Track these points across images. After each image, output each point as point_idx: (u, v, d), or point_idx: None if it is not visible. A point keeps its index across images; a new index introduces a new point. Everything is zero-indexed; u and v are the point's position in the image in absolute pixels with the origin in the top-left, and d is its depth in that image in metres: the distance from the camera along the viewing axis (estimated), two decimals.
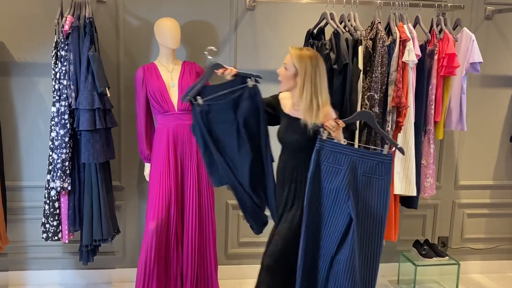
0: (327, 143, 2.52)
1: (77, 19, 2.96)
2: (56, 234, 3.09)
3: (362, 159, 2.50)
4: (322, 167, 2.53)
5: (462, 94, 3.34)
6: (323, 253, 2.57)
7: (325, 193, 2.53)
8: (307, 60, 2.56)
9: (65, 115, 2.99)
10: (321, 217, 2.56)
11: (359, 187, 2.51)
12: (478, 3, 3.63)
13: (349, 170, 2.49)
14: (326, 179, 2.53)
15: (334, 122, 2.51)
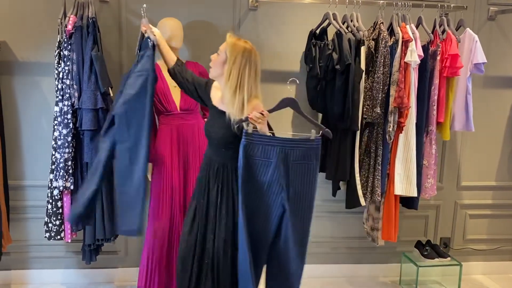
0: (253, 136, 2.46)
1: (80, 19, 2.97)
2: (58, 233, 3.10)
3: (291, 147, 2.47)
4: (252, 162, 2.47)
5: (468, 95, 3.34)
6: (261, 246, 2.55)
7: (258, 188, 2.49)
8: (239, 50, 2.47)
9: (68, 115, 3.00)
10: (257, 212, 2.51)
11: (290, 175, 2.48)
12: (481, 4, 3.63)
13: (280, 161, 2.45)
14: (257, 173, 2.48)
15: (259, 113, 2.42)
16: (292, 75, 3.52)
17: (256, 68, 2.51)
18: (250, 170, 2.47)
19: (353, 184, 3.27)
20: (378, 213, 3.40)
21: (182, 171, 3.10)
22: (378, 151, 3.26)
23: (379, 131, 3.25)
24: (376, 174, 3.27)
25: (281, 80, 3.54)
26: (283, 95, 3.53)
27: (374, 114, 3.17)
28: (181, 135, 3.08)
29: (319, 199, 3.66)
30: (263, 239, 2.55)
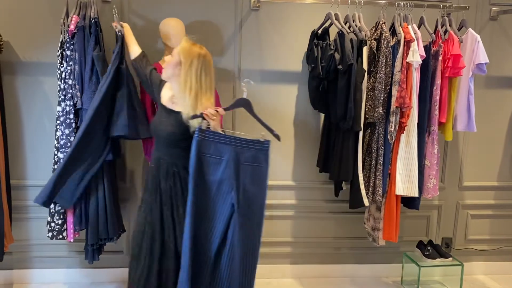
0: (207, 133, 2.46)
1: (83, 19, 2.97)
2: (60, 233, 3.10)
3: (242, 148, 2.48)
4: (204, 159, 2.47)
5: (470, 95, 3.34)
6: (209, 246, 2.54)
7: (209, 186, 2.49)
8: (194, 54, 2.53)
9: (70, 115, 3.00)
10: (206, 211, 2.51)
11: (241, 176, 2.48)
12: (483, 4, 3.63)
13: (231, 160, 2.46)
14: (208, 171, 2.48)
15: (214, 110, 2.45)
16: (294, 75, 3.54)
17: (211, 72, 2.58)
18: (201, 167, 2.47)
19: (356, 184, 3.27)
20: (379, 213, 3.40)
21: None
22: (379, 151, 3.26)
23: (380, 131, 3.25)
24: (378, 174, 3.27)
25: (283, 80, 3.55)
26: (285, 95, 3.56)
27: (376, 114, 3.17)
28: None
29: (321, 199, 3.69)
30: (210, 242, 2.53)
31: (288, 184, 3.68)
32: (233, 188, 2.46)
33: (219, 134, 2.48)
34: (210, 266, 2.56)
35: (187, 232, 2.48)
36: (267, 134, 2.53)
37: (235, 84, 3.50)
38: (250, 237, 2.53)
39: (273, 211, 3.68)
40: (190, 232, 2.48)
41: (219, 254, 2.55)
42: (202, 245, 2.54)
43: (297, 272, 3.79)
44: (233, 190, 2.46)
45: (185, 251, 2.50)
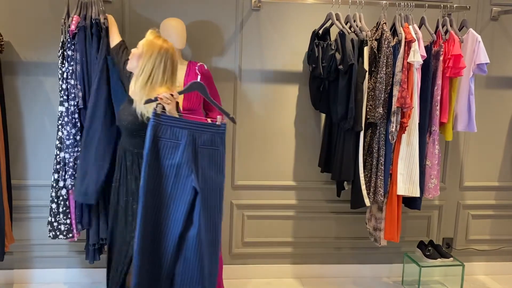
0: (162, 117, 2.43)
1: (84, 19, 2.97)
2: (70, 232, 3.10)
3: (199, 131, 2.46)
4: (160, 143, 2.43)
5: (470, 95, 3.34)
6: (168, 233, 2.49)
7: (165, 170, 2.46)
8: (156, 47, 2.55)
9: (75, 114, 3.02)
10: (162, 196, 2.47)
11: (198, 159, 2.46)
12: (484, 4, 3.63)
13: (188, 143, 2.43)
14: (165, 155, 2.45)
15: (169, 94, 2.44)
16: (295, 75, 3.54)
17: (173, 66, 2.59)
18: (157, 152, 2.44)
19: (358, 184, 3.26)
20: (380, 213, 3.40)
21: None
22: (380, 151, 3.26)
23: (381, 131, 3.25)
24: (379, 174, 3.27)
25: (284, 80, 3.55)
26: (286, 95, 3.56)
27: (376, 114, 3.17)
28: None
29: (323, 200, 3.69)
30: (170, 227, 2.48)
31: (289, 184, 3.68)
32: (192, 171, 2.43)
33: (175, 118, 2.46)
34: (173, 252, 2.49)
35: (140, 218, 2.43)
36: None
37: (235, 84, 3.50)
38: (213, 221, 2.51)
39: (274, 211, 3.69)
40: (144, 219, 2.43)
41: (184, 239, 2.48)
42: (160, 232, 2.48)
43: (298, 272, 3.79)
44: (192, 173, 2.43)
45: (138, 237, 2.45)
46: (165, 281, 2.52)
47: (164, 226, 2.48)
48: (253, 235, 3.71)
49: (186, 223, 2.47)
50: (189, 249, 2.46)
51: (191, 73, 3.14)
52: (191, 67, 3.17)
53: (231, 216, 3.66)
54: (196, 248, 2.44)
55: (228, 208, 3.64)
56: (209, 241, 2.50)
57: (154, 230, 2.47)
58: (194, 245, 2.44)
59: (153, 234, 2.47)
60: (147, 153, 2.42)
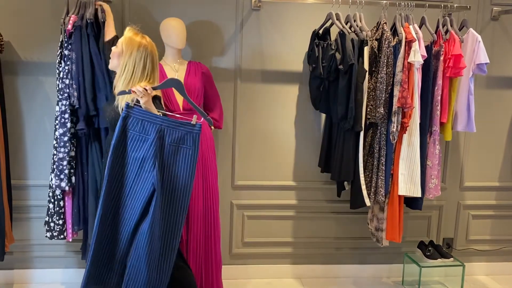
0: (134, 110, 2.44)
1: (81, 19, 2.96)
2: (62, 233, 3.10)
3: (170, 128, 2.45)
4: (129, 135, 2.44)
5: (470, 95, 3.33)
6: (125, 223, 2.49)
7: (130, 162, 2.45)
8: (135, 44, 2.56)
9: (65, 114, 3.00)
10: (123, 187, 2.47)
11: (165, 156, 2.45)
12: (484, 4, 3.62)
13: (157, 139, 2.42)
14: (132, 147, 2.44)
15: (142, 88, 2.43)
16: (295, 75, 3.54)
17: (153, 62, 2.60)
18: (125, 143, 2.44)
19: (358, 184, 3.26)
20: (382, 214, 3.39)
21: None
22: (381, 151, 3.25)
23: (382, 132, 3.25)
24: (380, 175, 3.26)
25: (284, 80, 3.55)
26: (286, 95, 3.56)
27: (377, 114, 3.16)
28: None
29: (323, 200, 3.69)
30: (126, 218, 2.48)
31: (289, 184, 3.67)
32: (155, 167, 2.42)
33: (147, 113, 2.45)
34: (127, 243, 2.49)
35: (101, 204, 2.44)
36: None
37: (235, 84, 3.50)
38: (172, 217, 2.49)
39: (274, 211, 3.68)
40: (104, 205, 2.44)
41: (137, 231, 2.48)
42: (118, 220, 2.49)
43: (298, 273, 3.79)
44: (155, 169, 2.42)
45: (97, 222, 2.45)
46: (117, 271, 2.52)
47: (121, 216, 2.48)
48: (253, 235, 3.71)
49: (141, 216, 2.47)
50: (140, 242, 2.45)
51: (191, 73, 3.14)
52: (191, 67, 3.16)
53: (231, 216, 3.66)
54: (146, 243, 2.42)
55: (228, 208, 3.64)
56: (164, 240, 2.48)
57: (113, 218, 2.48)
58: (145, 240, 2.42)
59: (111, 221, 2.48)
60: (114, 143, 2.43)
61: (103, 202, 2.44)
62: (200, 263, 3.13)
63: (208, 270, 3.19)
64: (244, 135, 3.57)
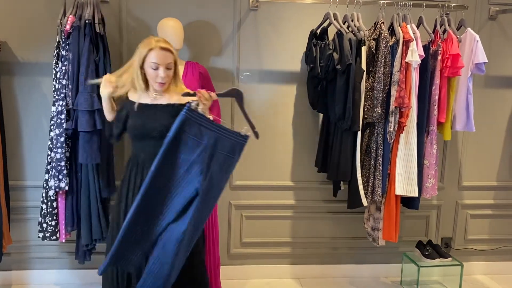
0: (194, 113, 2.39)
1: (79, 19, 2.96)
2: (54, 234, 3.09)
3: (222, 136, 2.43)
4: (183, 137, 2.40)
5: (469, 95, 3.33)
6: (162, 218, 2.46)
7: (178, 162, 2.42)
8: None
9: (61, 115, 2.99)
10: (168, 183, 2.44)
11: (212, 162, 2.44)
12: (482, 4, 3.62)
13: (209, 146, 2.42)
14: (184, 149, 2.42)
15: (208, 94, 2.41)
16: (292, 75, 3.53)
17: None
18: (178, 143, 2.40)
19: (355, 184, 3.26)
20: (379, 213, 3.39)
21: None
22: (378, 151, 3.25)
23: (379, 131, 3.25)
24: (377, 174, 3.26)
25: (282, 80, 3.54)
26: (284, 95, 3.55)
27: (374, 114, 3.16)
28: None
29: (320, 200, 3.69)
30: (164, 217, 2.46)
31: (286, 184, 3.67)
32: (202, 172, 2.41)
33: (206, 118, 2.43)
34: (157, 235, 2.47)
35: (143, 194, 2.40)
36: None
37: (233, 84, 3.49)
38: (200, 221, 2.51)
39: (272, 211, 3.68)
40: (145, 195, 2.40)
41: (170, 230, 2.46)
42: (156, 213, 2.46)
43: (296, 273, 3.79)
44: (202, 174, 2.41)
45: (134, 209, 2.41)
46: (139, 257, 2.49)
47: (160, 209, 2.46)
48: (251, 236, 3.71)
49: (178, 216, 2.46)
50: (170, 241, 2.43)
51: (189, 74, 3.14)
52: (189, 67, 3.16)
53: (229, 216, 3.66)
54: (176, 243, 2.42)
55: (226, 209, 3.64)
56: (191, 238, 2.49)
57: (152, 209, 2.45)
58: (176, 240, 2.42)
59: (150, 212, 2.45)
60: (169, 141, 2.38)
61: (145, 193, 2.40)
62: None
63: (207, 270, 3.18)
64: None
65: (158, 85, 2.49)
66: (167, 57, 2.44)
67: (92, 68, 2.96)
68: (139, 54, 2.46)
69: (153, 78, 2.47)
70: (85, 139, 2.96)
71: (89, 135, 2.96)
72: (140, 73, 2.48)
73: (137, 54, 2.48)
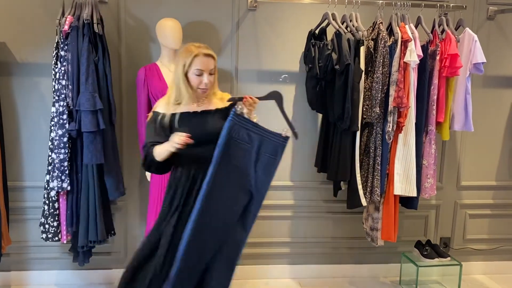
0: (241, 119, 2.41)
1: (77, 19, 2.96)
2: (56, 235, 3.10)
3: (266, 139, 2.46)
4: (232, 143, 2.41)
5: (467, 94, 3.34)
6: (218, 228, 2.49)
7: (231, 170, 2.44)
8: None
9: (63, 115, 2.99)
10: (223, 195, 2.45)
11: (258, 164, 2.48)
12: (480, 4, 3.62)
13: (256, 149, 2.45)
14: (234, 155, 2.43)
15: (252, 98, 2.43)
16: (291, 75, 3.54)
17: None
18: (228, 150, 2.41)
19: (354, 184, 3.27)
20: (377, 213, 3.39)
21: None
22: (377, 151, 3.26)
23: (378, 131, 3.25)
24: (376, 174, 3.26)
25: (280, 80, 3.54)
26: (284, 95, 3.54)
27: (373, 114, 3.17)
28: None
29: (320, 200, 3.69)
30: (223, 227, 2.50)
31: (286, 184, 3.67)
32: (252, 176, 2.47)
33: (252, 122, 2.45)
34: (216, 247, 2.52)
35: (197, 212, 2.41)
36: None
37: (232, 84, 3.50)
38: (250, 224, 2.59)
39: (271, 211, 3.68)
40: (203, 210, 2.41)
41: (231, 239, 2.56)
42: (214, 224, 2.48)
43: (295, 273, 3.78)
44: (252, 178, 2.47)
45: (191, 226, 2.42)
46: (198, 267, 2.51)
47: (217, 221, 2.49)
48: (250, 235, 3.69)
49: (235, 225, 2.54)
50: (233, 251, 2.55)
51: None
52: None
53: None
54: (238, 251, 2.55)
55: None
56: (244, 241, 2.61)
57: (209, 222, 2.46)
58: (239, 249, 2.55)
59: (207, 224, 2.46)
60: (220, 149, 2.39)
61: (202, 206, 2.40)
62: None
63: None
64: None
65: (201, 91, 2.49)
66: (210, 63, 2.46)
67: (92, 68, 2.96)
68: (182, 62, 2.44)
69: (197, 84, 2.46)
70: (89, 139, 2.96)
71: (93, 135, 2.96)
72: (185, 81, 2.46)
73: (179, 63, 2.45)
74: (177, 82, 2.47)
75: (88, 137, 2.97)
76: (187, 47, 2.48)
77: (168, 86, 3.03)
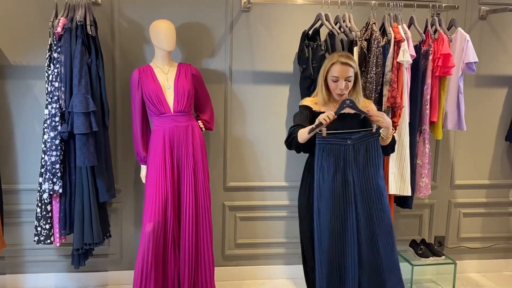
0: (328, 138, 2.69)
1: (70, 21, 2.95)
2: (48, 237, 3.08)
3: (360, 140, 2.71)
4: (324, 163, 2.73)
5: (460, 94, 3.35)
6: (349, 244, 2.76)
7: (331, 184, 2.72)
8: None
9: (56, 117, 2.98)
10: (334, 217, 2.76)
11: (360, 165, 2.71)
12: (472, 3, 3.65)
13: (349, 154, 2.70)
14: (329, 171, 2.71)
15: (328, 116, 2.62)
16: (285, 76, 3.54)
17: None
18: (323, 169, 2.72)
19: None
20: None
21: (176, 172, 3.09)
22: None
23: None
24: None
25: (274, 81, 3.55)
26: (276, 96, 3.56)
27: None
28: (175, 136, 3.08)
29: None
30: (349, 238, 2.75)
31: (281, 185, 3.68)
32: (354, 180, 2.72)
33: (335, 136, 2.68)
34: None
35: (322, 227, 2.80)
36: None
37: (226, 85, 3.50)
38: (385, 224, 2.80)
39: (266, 212, 3.69)
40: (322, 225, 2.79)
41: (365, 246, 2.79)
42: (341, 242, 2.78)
43: (291, 273, 3.79)
44: (356, 186, 2.72)
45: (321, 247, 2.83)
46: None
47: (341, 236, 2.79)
48: (245, 237, 3.71)
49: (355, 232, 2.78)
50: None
51: (181, 75, 3.14)
52: (182, 69, 3.16)
53: (223, 217, 3.66)
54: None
55: (220, 210, 3.64)
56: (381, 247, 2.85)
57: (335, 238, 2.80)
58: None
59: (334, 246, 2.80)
60: (318, 176, 2.74)
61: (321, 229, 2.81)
62: (192, 265, 3.13)
63: (201, 272, 3.18)
64: (236, 136, 3.57)
65: (337, 96, 2.80)
66: (347, 71, 2.74)
67: (85, 70, 2.95)
68: (323, 68, 2.81)
69: (334, 89, 2.79)
70: (81, 141, 2.95)
71: (86, 137, 2.96)
72: (324, 85, 2.82)
73: (321, 68, 2.84)
74: (320, 84, 2.84)
75: (80, 139, 2.96)
76: (332, 54, 2.84)
77: (162, 87, 3.06)
